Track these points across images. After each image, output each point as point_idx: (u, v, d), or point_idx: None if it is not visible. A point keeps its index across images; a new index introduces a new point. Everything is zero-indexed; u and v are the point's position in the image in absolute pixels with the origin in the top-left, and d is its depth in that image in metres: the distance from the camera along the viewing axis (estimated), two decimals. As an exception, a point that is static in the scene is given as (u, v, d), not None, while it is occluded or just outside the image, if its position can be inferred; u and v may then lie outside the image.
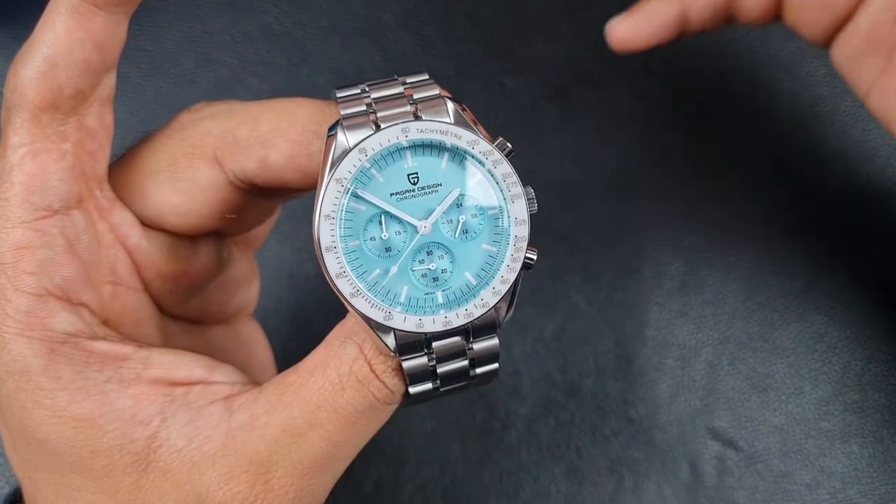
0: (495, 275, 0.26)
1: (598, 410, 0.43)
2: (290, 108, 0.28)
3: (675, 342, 0.43)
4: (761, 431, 0.42)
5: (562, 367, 0.43)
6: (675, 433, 0.42)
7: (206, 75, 0.47)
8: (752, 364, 0.43)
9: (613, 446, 0.42)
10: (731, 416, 0.42)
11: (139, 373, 0.27)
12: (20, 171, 0.26)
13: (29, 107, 0.26)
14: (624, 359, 0.43)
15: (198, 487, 0.26)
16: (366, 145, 0.25)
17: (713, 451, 0.42)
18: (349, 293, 0.25)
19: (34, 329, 0.26)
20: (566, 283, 0.44)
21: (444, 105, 0.26)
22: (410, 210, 0.26)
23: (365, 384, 0.26)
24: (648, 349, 0.43)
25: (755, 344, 0.43)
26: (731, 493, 0.41)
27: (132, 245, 0.29)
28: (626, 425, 0.42)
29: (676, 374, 0.43)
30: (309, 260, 0.44)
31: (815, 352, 0.43)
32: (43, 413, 0.26)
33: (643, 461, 0.42)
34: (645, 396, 0.43)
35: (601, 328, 0.44)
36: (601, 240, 0.45)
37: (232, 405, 0.27)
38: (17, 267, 0.26)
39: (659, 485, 0.41)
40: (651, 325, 0.44)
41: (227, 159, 0.28)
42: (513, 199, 0.26)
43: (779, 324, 0.43)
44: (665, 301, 0.44)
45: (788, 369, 0.43)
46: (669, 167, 0.46)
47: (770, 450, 0.42)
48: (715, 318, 0.44)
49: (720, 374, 0.43)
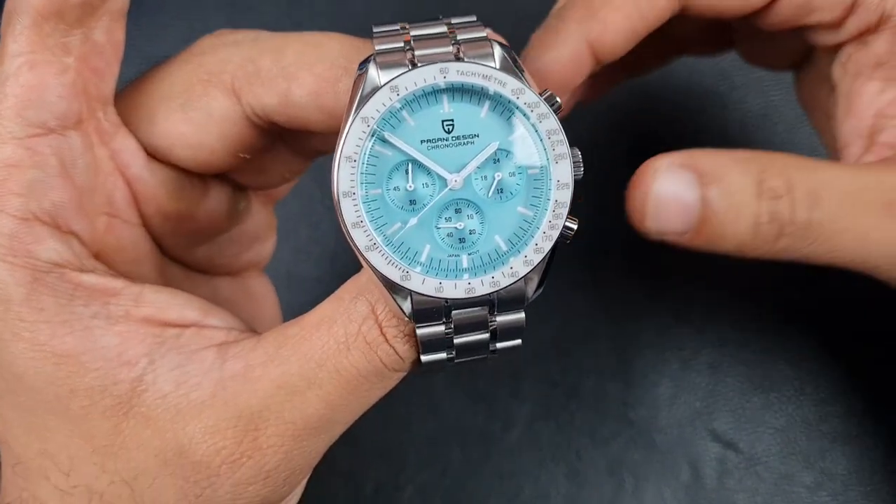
0: (529, 242, 0.24)
1: (598, 412, 0.42)
2: (320, 41, 0.26)
3: (675, 344, 0.43)
4: (762, 433, 0.42)
5: (562, 368, 0.43)
6: (676, 435, 0.42)
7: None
8: (752, 365, 0.43)
9: (613, 448, 0.42)
10: (732, 418, 0.42)
11: (128, 310, 0.25)
12: (15, 83, 0.24)
13: (30, 12, 0.24)
14: (624, 360, 0.43)
15: (180, 437, 0.24)
16: (398, 83, 0.23)
17: (714, 453, 0.42)
18: (365, 245, 0.23)
19: (17, 255, 0.24)
20: (566, 284, 0.44)
21: (490, 48, 0.24)
22: (442, 160, 0.24)
23: (373, 347, 0.24)
24: (649, 351, 0.43)
25: (756, 345, 0.43)
26: (731, 494, 0.41)
27: (133, 175, 0.27)
28: (627, 427, 0.42)
29: (677, 375, 0.43)
30: (307, 260, 0.44)
31: (816, 353, 0.43)
32: (21, 346, 0.24)
33: (643, 463, 0.42)
34: (645, 398, 0.42)
35: (601, 329, 0.44)
36: (601, 240, 0.45)
37: (226, 353, 0.25)
38: (3, 186, 0.24)
39: (659, 486, 0.41)
40: (651, 327, 0.43)
41: (245, 91, 0.26)
42: (556, 160, 0.24)
43: (780, 325, 0.43)
44: (665, 303, 0.44)
45: (789, 371, 0.43)
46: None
47: (771, 451, 0.42)
48: (715, 319, 0.44)
49: (721, 375, 0.43)
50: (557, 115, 0.24)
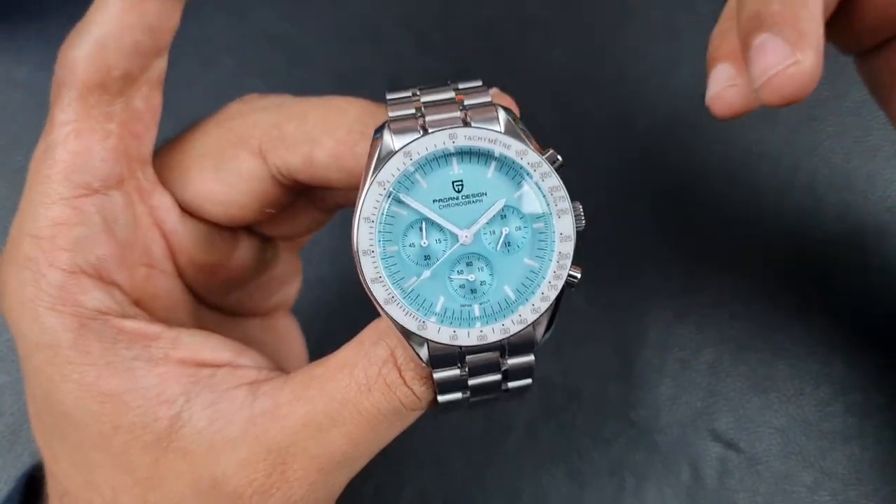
0: (536, 291, 0.26)
1: (598, 413, 0.42)
2: (340, 107, 0.28)
3: (675, 343, 0.43)
4: (762, 433, 0.42)
5: (562, 369, 0.43)
6: (676, 435, 0.42)
7: (205, 78, 0.46)
8: (752, 365, 0.43)
9: (614, 449, 0.42)
10: (732, 418, 0.42)
11: (167, 352, 0.27)
12: (64, 149, 0.26)
13: (77, 85, 0.26)
14: (625, 361, 0.43)
15: (214, 471, 0.26)
16: (411, 149, 0.25)
17: (714, 453, 0.42)
18: (384, 299, 0.25)
19: (66, 304, 0.26)
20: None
21: (495, 112, 0.26)
22: (453, 218, 0.25)
23: (392, 389, 0.26)
24: (649, 351, 0.43)
25: (756, 345, 0.43)
26: (732, 494, 0.41)
27: (169, 229, 0.29)
28: (627, 428, 0.42)
29: (677, 375, 0.43)
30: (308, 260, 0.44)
31: (816, 353, 0.43)
32: (70, 386, 0.26)
33: (644, 463, 0.42)
34: (646, 398, 0.42)
35: (602, 330, 0.44)
36: (602, 241, 0.45)
37: (256, 391, 0.27)
38: (53, 242, 0.26)
39: (660, 487, 0.41)
40: (652, 327, 0.44)
41: (271, 153, 0.28)
42: (559, 214, 0.26)
43: (780, 325, 0.43)
44: (666, 302, 0.44)
45: (790, 370, 0.43)
46: (670, 169, 0.46)
47: (771, 451, 0.42)
48: (716, 318, 0.44)
49: (721, 375, 0.43)
50: (559, 172, 0.26)
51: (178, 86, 0.46)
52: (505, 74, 0.47)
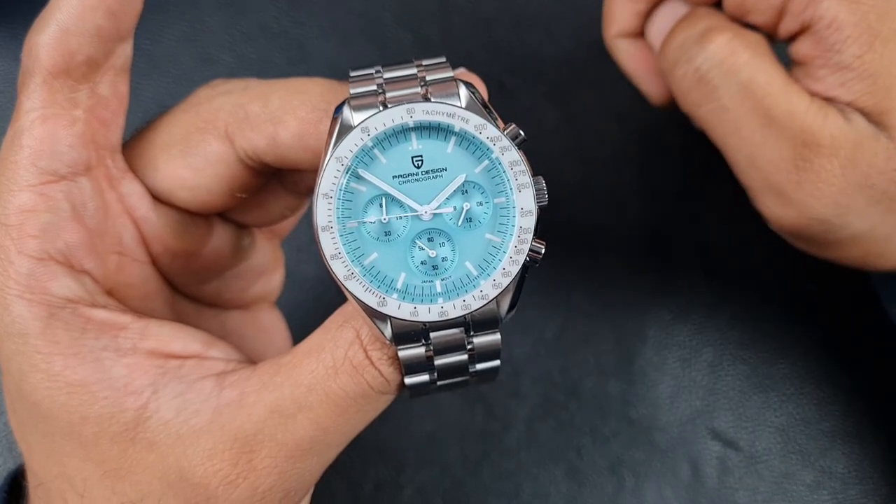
0: (497, 266, 0.26)
1: (598, 411, 0.42)
2: (303, 86, 0.28)
3: (675, 342, 0.43)
4: (762, 432, 0.42)
5: (562, 367, 0.43)
6: (676, 433, 0.42)
7: (204, 74, 0.46)
8: (753, 364, 0.43)
9: (614, 447, 0.42)
10: (732, 417, 0.42)
11: (135, 343, 0.27)
12: (30, 136, 0.26)
13: (41, 72, 0.26)
14: (624, 359, 0.43)
15: (181, 461, 0.26)
16: (369, 124, 0.25)
17: (714, 452, 0.42)
18: (343, 275, 0.25)
19: (34, 292, 0.26)
20: (567, 283, 0.44)
21: (455, 88, 0.26)
22: (413, 194, 0.26)
23: (359, 370, 0.26)
24: (649, 349, 0.43)
25: (756, 344, 0.43)
26: (731, 493, 0.41)
27: (140, 217, 0.29)
28: (627, 426, 0.42)
29: (677, 374, 0.43)
30: (307, 260, 0.44)
31: (816, 352, 0.43)
32: (38, 377, 0.26)
33: (644, 462, 0.42)
34: (645, 397, 0.42)
35: (602, 328, 0.44)
36: (602, 240, 0.45)
37: (224, 381, 0.27)
38: (20, 229, 0.26)
39: (659, 485, 0.41)
40: (651, 325, 0.43)
41: (237, 136, 0.28)
42: (520, 189, 0.25)
43: (780, 324, 0.43)
44: (666, 301, 0.44)
45: (790, 370, 0.43)
46: (670, 167, 0.46)
47: (771, 450, 0.42)
48: (716, 318, 0.44)
49: (721, 374, 0.43)
50: (521, 148, 0.26)
51: (178, 84, 0.46)
52: (503, 70, 0.47)
